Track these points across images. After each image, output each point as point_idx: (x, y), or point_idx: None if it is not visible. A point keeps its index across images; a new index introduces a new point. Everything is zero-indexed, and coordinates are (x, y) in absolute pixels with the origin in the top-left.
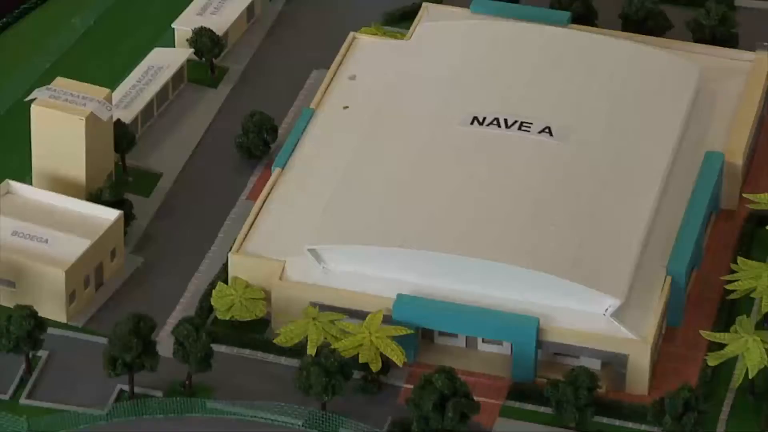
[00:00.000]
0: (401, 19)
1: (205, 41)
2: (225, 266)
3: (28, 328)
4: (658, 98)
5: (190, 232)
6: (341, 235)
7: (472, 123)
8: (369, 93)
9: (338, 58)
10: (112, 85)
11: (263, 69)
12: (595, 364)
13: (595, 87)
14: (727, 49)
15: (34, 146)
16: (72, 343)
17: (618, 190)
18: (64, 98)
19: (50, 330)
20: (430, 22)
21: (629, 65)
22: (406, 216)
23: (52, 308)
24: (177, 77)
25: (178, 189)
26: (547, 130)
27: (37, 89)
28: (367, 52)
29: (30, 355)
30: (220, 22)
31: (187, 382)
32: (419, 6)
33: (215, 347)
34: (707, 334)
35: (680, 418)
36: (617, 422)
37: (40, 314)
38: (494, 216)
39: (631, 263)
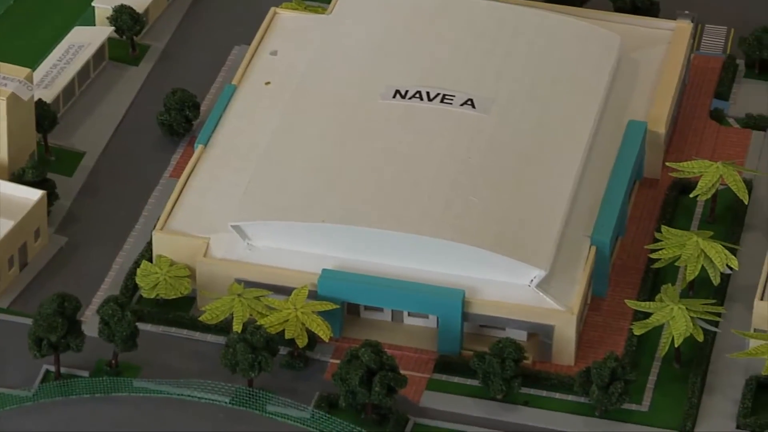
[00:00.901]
0: None
1: (125, 19)
2: (149, 245)
3: None
4: (580, 68)
5: (114, 210)
6: (264, 211)
7: (394, 96)
8: (291, 68)
9: (259, 33)
10: (33, 64)
11: (184, 46)
12: (521, 336)
13: (517, 58)
14: (647, 18)
15: None
16: None
17: (541, 161)
18: None
19: None
20: None
21: (550, 36)
22: (329, 191)
23: None
24: (98, 55)
25: (101, 168)
26: (469, 103)
27: None
28: (289, 27)
29: None
30: (140, 0)
31: (113, 362)
32: None
33: (141, 326)
34: (632, 304)
35: (607, 388)
36: (544, 393)
37: None
38: (418, 190)
39: (556, 234)
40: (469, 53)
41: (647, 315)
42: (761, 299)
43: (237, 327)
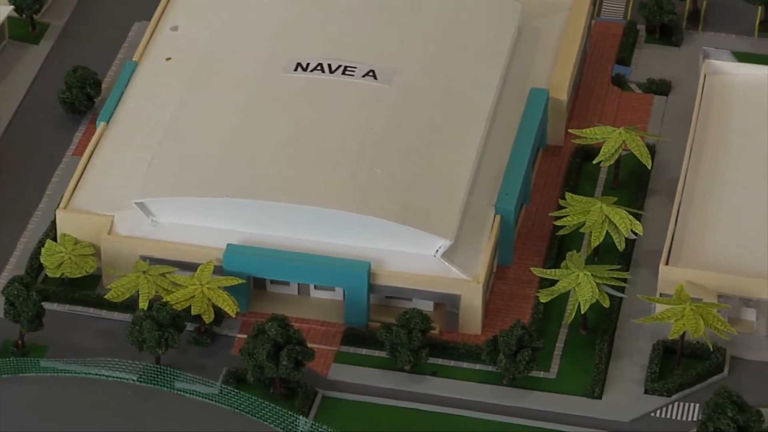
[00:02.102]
0: None
1: None
2: (54, 224)
3: None
4: (481, 37)
5: (17, 190)
6: (168, 187)
7: (296, 69)
8: (192, 44)
9: (159, 9)
10: None
11: (85, 23)
12: (428, 306)
13: (418, 29)
14: None
15: None
16: None
17: (444, 131)
18: None
19: None
20: None
21: (451, 6)
22: (233, 166)
23: None
24: None
25: (2, 147)
26: (371, 74)
27: None
28: (189, 2)
29: None
30: None
31: (19, 342)
32: None
33: (47, 305)
34: (538, 271)
35: (514, 356)
36: (452, 363)
37: None
38: (321, 162)
39: (460, 203)
40: (371, 25)
41: (553, 282)
42: (666, 264)
43: (143, 304)
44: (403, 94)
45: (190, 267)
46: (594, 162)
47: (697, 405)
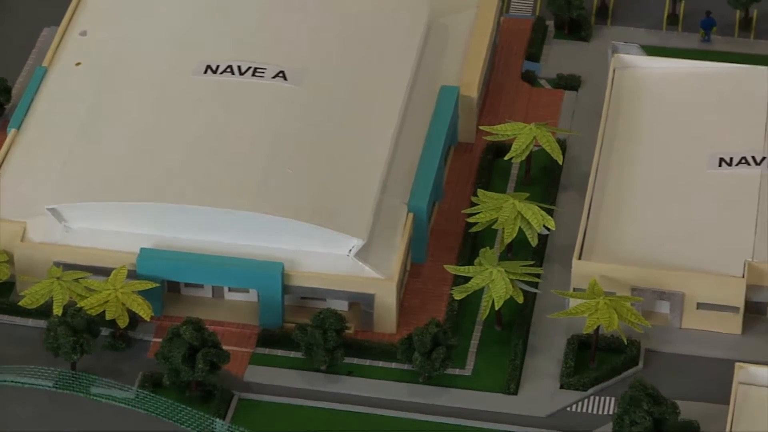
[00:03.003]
0: None
1: None
2: None
3: None
4: (391, 36)
5: None
6: (80, 192)
7: (205, 72)
8: (102, 48)
9: (68, 14)
10: None
11: None
12: (342, 306)
13: (327, 27)
14: None
15: None
16: None
17: (355, 130)
18: None
19: None
20: None
21: (360, 4)
22: (145, 170)
23: None
24: None
25: None
26: (281, 75)
27: None
28: (98, 6)
29: None
30: None
31: None
32: None
33: None
34: (452, 268)
35: (429, 354)
36: (368, 362)
37: None
38: (233, 165)
39: (372, 202)
40: (280, 25)
41: (467, 279)
42: (579, 258)
43: (57, 310)
44: (313, 94)
45: (103, 272)
46: (505, 158)
47: (613, 398)
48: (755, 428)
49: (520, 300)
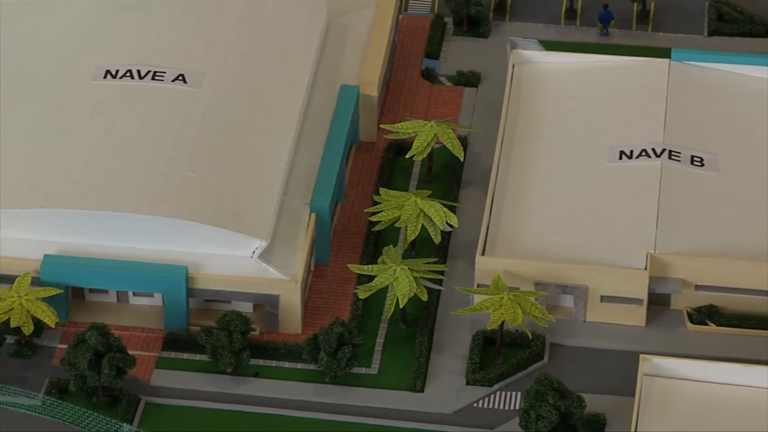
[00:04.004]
0: None
1: None
2: None
3: None
4: (289, 35)
5: None
6: None
7: (105, 77)
8: None
9: None
10: None
11: None
12: (247, 308)
13: (225, 29)
14: None
15: None
16: None
17: (256, 132)
18: None
19: None
20: None
21: (257, 4)
22: (46, 176)
23: None
24: None
25: None
26: (180, 78)
27: None
28: None
29: None
30: None
31: None
32: None
33: None
34: (355, 268)
35: (335, 354)
36: (274, 363)
37: None
38: (134, 169)
39: (275, 203)
40: (178, 27)
41: (371, 278)
42: (482, 254)
43: None
44: (213, 96)
45: (7, 279)
46: (407, 156)
47: (519, 393)
48: (661, 419)
49: (425, 297)
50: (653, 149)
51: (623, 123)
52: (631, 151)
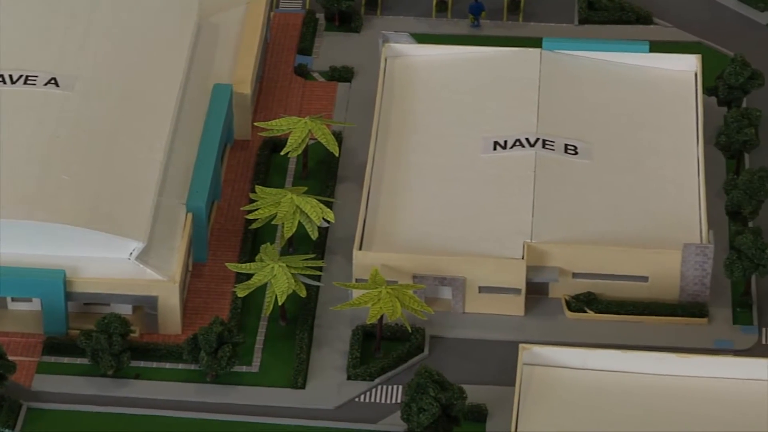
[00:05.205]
0: None
1: None
2: None
3: None
4: (160, 35)
5: None
6: None
7: None
8: None
9: None
10: None
11: None
12: (126, 310)
13: (96, 31)
14: None
15: None
16: None
17: (130, 133)
18: None
19: None
20: None
21: (128, 4)
22: None
23: None
24: None
25: None
26: (53, 81)
27: None
28: None
29: None
30: None
31: None
32: None
33: None
34: (233, 266)
35: (215, 353)
36: (154, 364)
37: None
38: (8, 174)
39: (150, 204)
40: (49, 31)
41: (249, 276)
42: (360, 249)
43: None
44: (86, 99)
45: None
46: (282, 153)
47: (400, 387)
48: (542, 408)
49: (303, 294)
50: (527, 139)
51: (496, 114)
52: (505, 142)
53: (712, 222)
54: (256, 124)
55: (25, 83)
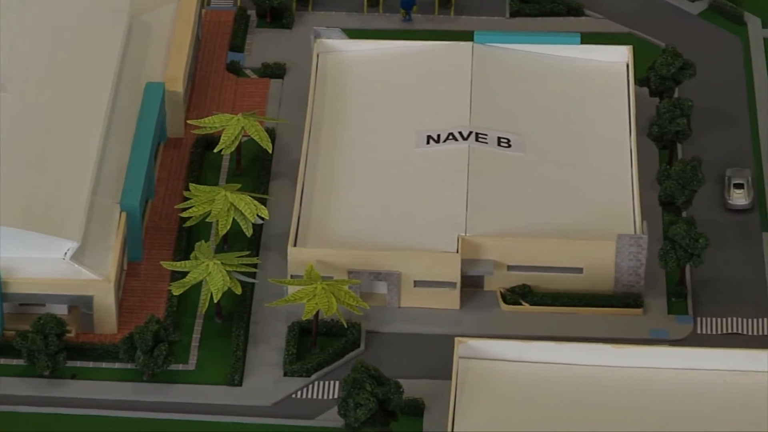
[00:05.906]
0: None
1: None
2: None
3: None
4: (91, 35)
5: None
6: None
7: None
8: None
9: None
10: None
11: None
12: (62, 310)
13: (27, 32)
14: None
15: None
16: None
17: (62, 133)
18: None
19: None
20: None
21: (58, 5)
22: None
23: None
24: None
25: None
26: None
27: None
28: None
29: None
30: None
31: None
32: None
33: None
34: (168, 264)
35: (152, 351)
36: (91, 364)
37: None
38: None
39: (84, 204)
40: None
41: (185, 274)
42: (294, 245)
43: None
44: (18, 100)
45: None
46: (215, 150)
47: (337, 382)
48: (478, 401)
49: (239, 291)
50: (460, 132)
51: (429, 108)
52: (438, 136)
53: (645, 212)
54: (189, 121)
55: None
